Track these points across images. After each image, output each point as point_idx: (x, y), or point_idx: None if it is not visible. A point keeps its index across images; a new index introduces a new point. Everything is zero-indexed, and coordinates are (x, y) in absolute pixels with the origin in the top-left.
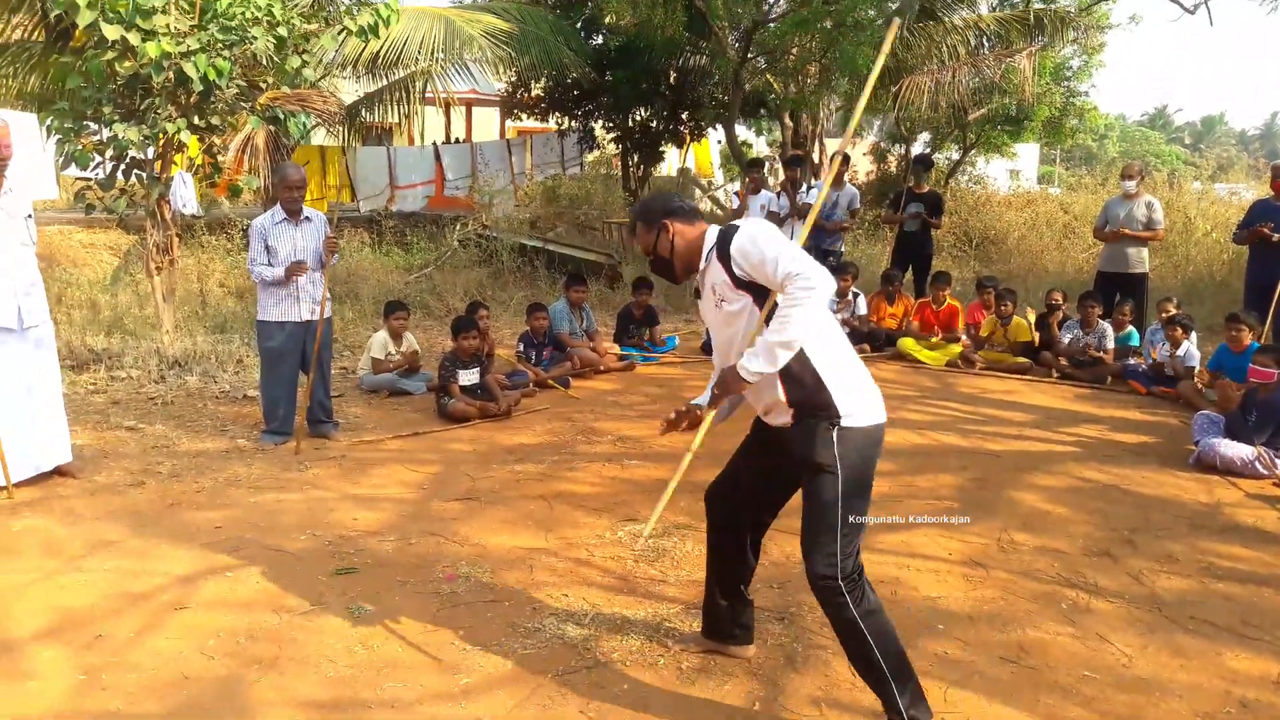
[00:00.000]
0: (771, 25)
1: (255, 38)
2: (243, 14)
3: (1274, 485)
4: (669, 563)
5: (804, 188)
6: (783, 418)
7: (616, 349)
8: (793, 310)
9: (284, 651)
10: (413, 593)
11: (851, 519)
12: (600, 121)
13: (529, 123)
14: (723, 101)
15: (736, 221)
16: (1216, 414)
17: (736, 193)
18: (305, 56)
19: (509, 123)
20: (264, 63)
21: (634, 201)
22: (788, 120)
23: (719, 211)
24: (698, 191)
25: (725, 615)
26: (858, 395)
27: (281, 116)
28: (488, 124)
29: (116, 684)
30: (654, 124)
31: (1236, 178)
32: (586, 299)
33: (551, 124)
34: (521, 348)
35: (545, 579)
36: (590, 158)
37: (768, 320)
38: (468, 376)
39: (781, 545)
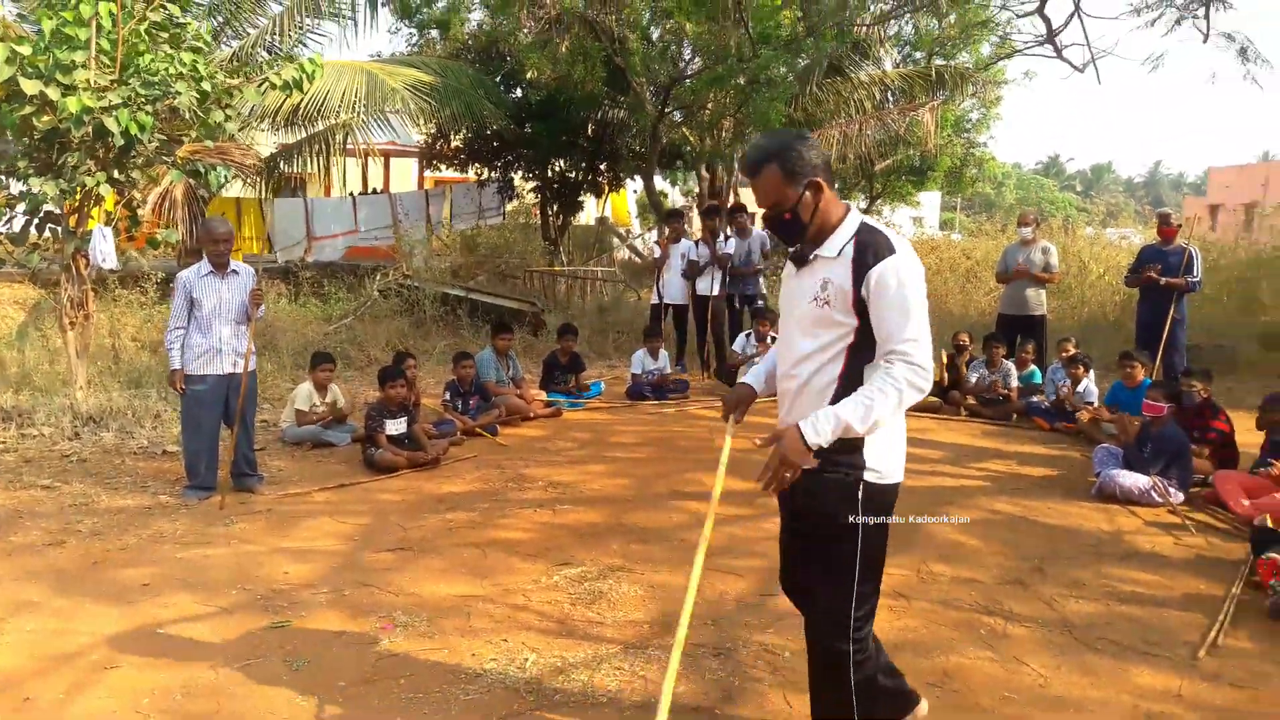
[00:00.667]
0: (688, 81)
1: (179, 92)
2: (166, 69)
3: (1168, 513)
4: (606, 605)
5: (721, 238)
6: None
7: (543, 395)
8: (888, 395)
9: (223, 707)
10: (350, 644)
11: (869, 585)
12: (520, 172)
13: (447, 173)
14: (640, 153)
15: (893, 240)
16: (1115, 447)
17: (658, 241)
18: (228, 110)
19: (427, 173)
20: (186, 117)
21: (554, 250)
22: (704, 171)
23: (637, 260)
24: (616, 240)
25: (893, 689)
26: (889, 449)
27: (202, 170)
28: (405, 174)
29: None
30: (573, 174)
31: (1125, 223)
32: (512, 347)
33: (470, 174)
34: (448, 396)
35: (483, 626)
36: (509, 207)
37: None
38: (395, 426)
39: (714, 583)
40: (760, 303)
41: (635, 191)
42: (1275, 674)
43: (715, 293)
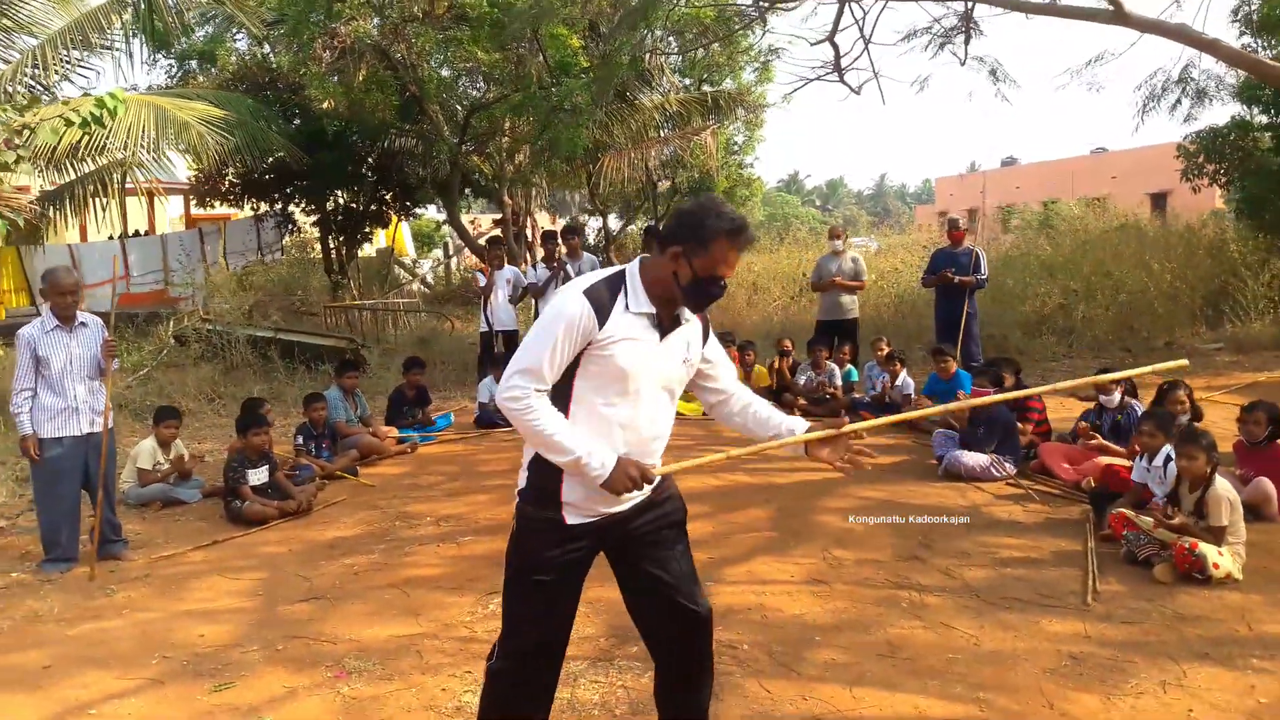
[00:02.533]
0: (490, 109)
1: None
2: None
3: (1008, 485)
4: None
5: (555, 262)
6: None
7: (394, 432)
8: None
9: None
10: (309, 697)
11: None
12: (300, 205)
13: (222, 209)
14: (434, 180)
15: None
16: (951, 431)
17: (480, 269)
18: (20, 150)
19: (195, 210)
20: None
21: (339, 284)
22: (506, 198)
23: (425, 290)
24: (401, 271)
25: None
26: None
27: None
28: (165, 214)
29: None
30: (356, 205)
31: (862, 232)
32: (359, 385)
33: (245, 209)
34: (300, 440)
35: (440, 661)
36: (287, 241)
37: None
38: (257, 476)
39: None
40: None
41: (409, 220)
42: (1150, 608)
43: None
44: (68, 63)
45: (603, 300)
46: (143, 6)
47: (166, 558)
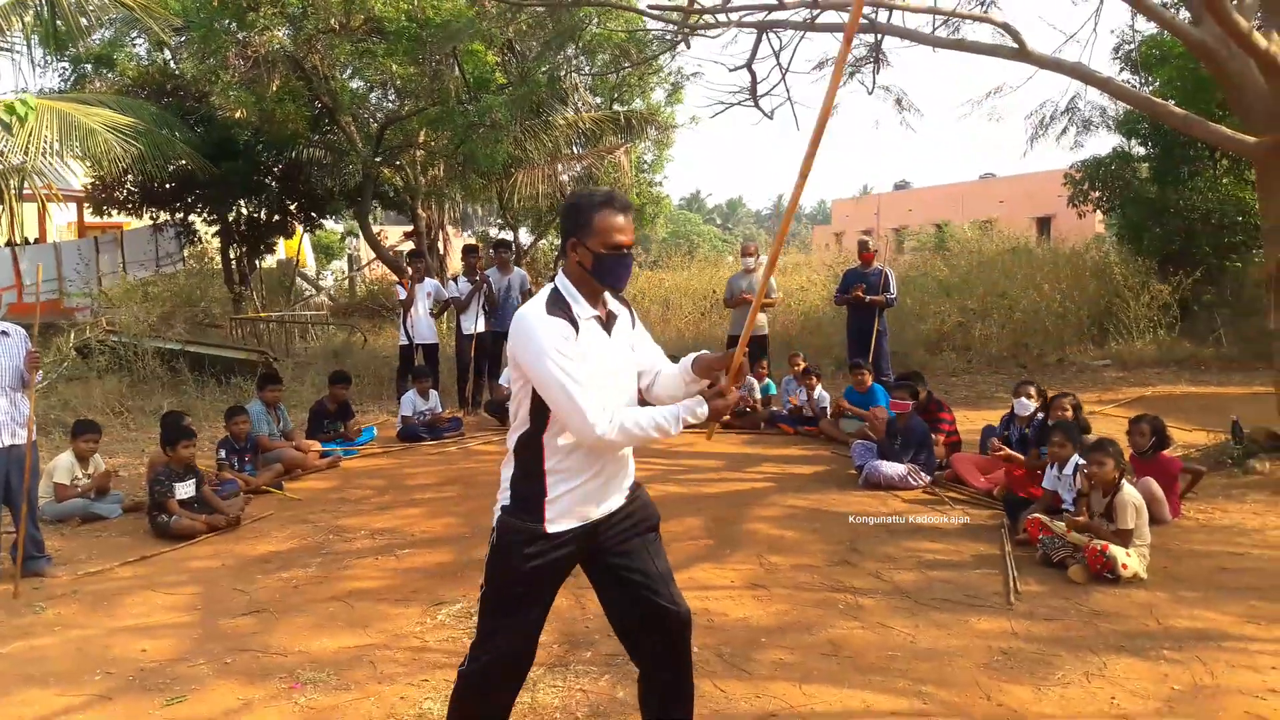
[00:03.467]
0: (410, 121)
1: None
2: None
3: (924, 493)
4: None
5: (478, 276)
6: (630, 480)
7: (318, 446)
8: None
9: None
10: (266, 709)
11: None
12: (201, 215)
13: (119, 217)
14: (344, 191)
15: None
16: (869, 442)
17: (400, 282)
18: None
19: (86, 219)
20: None
21: (240, 296)
22: (420, 211)
23: (330, 300)
24: (303, 283)
25: None
26: None
27: None
28: (61, 222)
29: None
30: (259, 215)
31: (763, 250)
32: (281, 399)
33: (144, 219)
34: (223, 454)
35: (395, 671)
36: (186, 251)
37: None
38: (184, 489)
39: None
40: None
41: (319, 230)
42: (1068, 606)
43: (481, 329)
44: None
45: (566, 315)
46: (44, 9)
47: (93, 574)
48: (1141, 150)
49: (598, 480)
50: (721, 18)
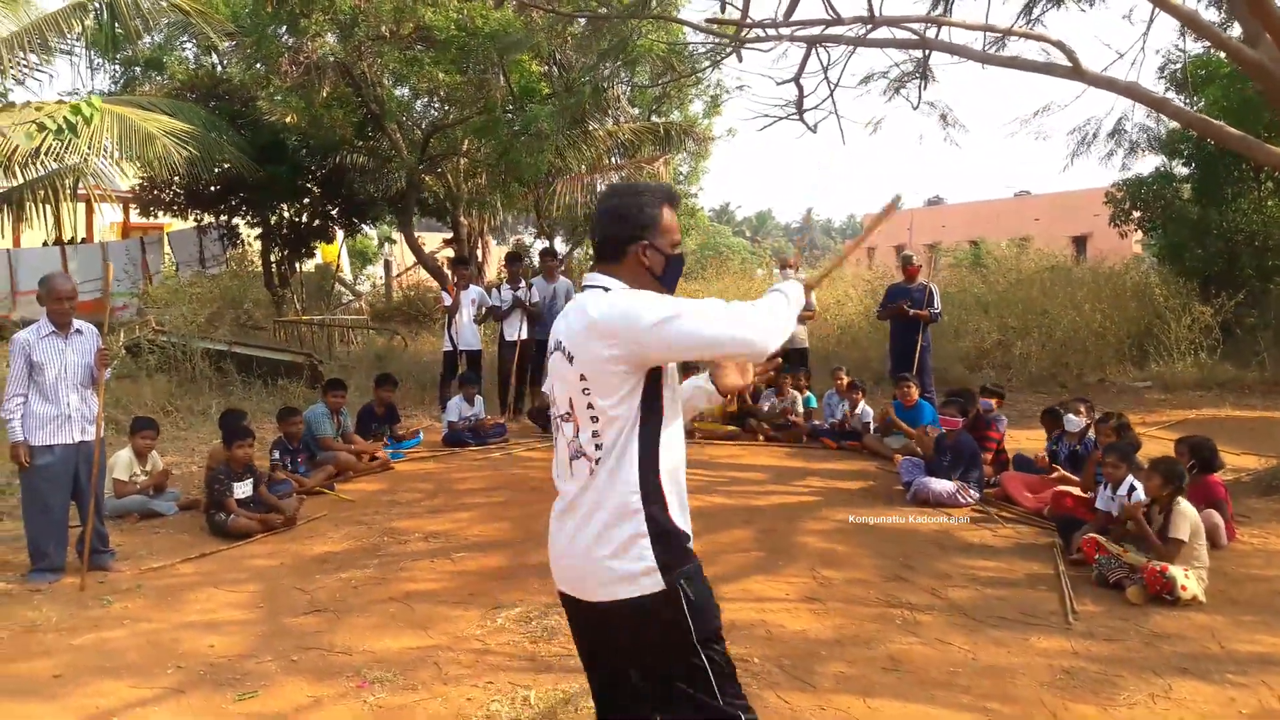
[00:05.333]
0: (456, 129)
1: None
2: None
3: (974, 511)
4: (566, 639)
5: (521, 284)
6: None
7: (380, 447)
8: None
9: None
10: (336, 706)
11: None
12: (246, 217)
13: (165, 219)
14: (386, 198)
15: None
16: (916, 458)
17: (446, 289)
18: None
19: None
20: None
21: (280, 299)
22: (462, 218)
23: (367, 306)
24: (342, 289)
25: None
26: None
27: None
28: (103, 222)
29: None
30: (302, 219)
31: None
32: (345, 404)
33: (189, 220)
34: (277, 455)
35: (459, 673)
36: (228, 255)
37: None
38: (242, 489)
39: None
40: None
41: (360, 235)
42: (1127, 626)
43: (524, 337)
44: (25, 66)
45: None
46: (104, 12)
47: (155, 569)
48: (1184, 170)
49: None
50: (773, 31)
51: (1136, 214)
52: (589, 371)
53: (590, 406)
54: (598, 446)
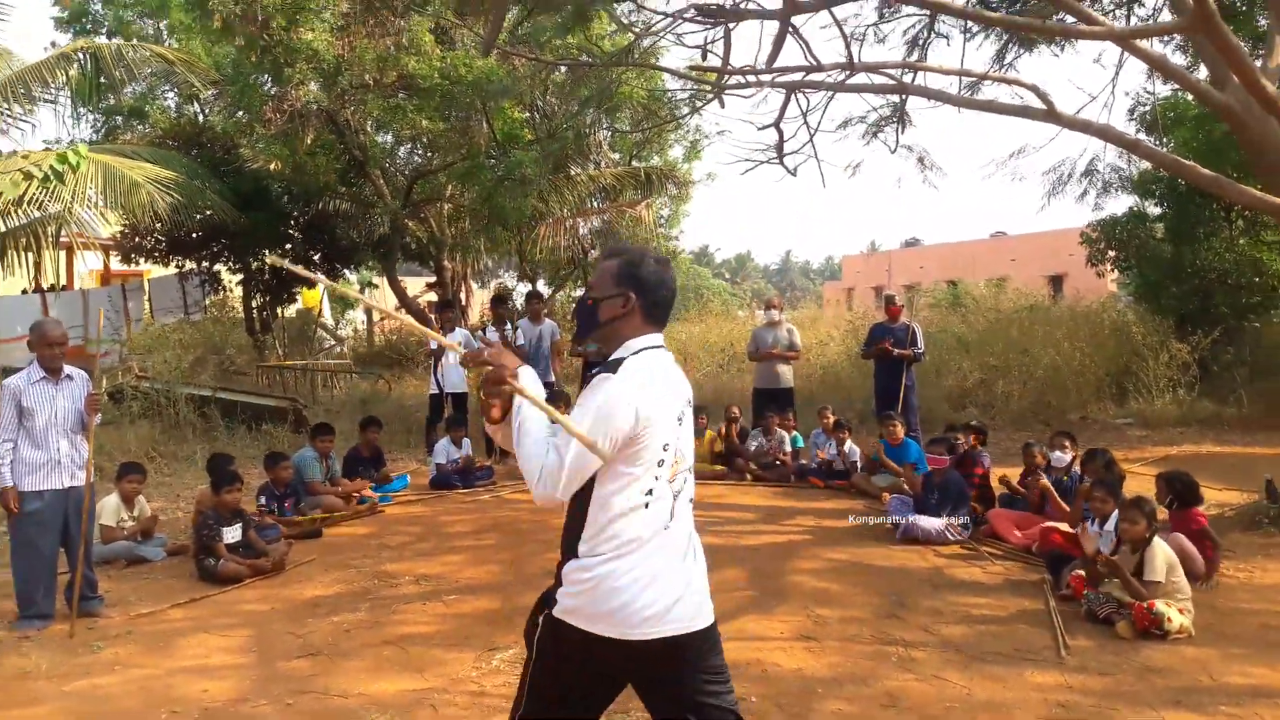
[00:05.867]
0: (440, 175)
1: None
2: None
3: (963, 549)
4: None
5: (508, 326)
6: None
7: (368, 488)
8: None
9: None
10: None
11: None
12: (227, 263)
13: (142, 265)
14: (370, 243)
15: (634, 369)
16: (905, 496)
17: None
18: None
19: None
20: None
21: (261, 344)
22: (446, 262)
23: (345, 350)
24: (324, 334)
25: None
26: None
27: None
28: (83, 268)
29: None
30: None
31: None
32: (333, 448)
33: (170, 267)
34: (263, 500)
35: (457, 714)
36: (209, 301)
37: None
38: (231, 534)
39: None
40: (554, 388)
41: (343, 281)
42: (1120, 661)
43: None
44: (10, 116)
45: None
46: (88, 63)
47: (145, 615)
48: (1157, 210)
49: None
50: (753, 78)
51: (1112, 253)
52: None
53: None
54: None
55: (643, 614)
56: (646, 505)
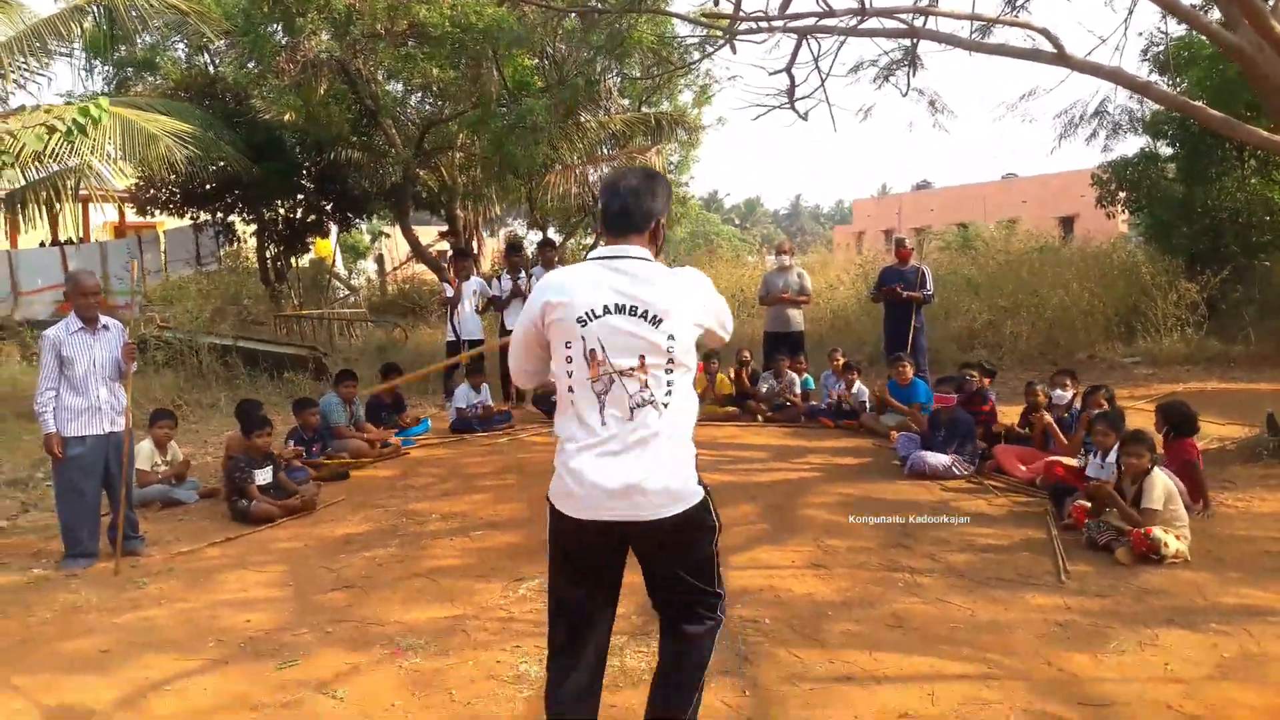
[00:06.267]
0: (450, 124)
1: None
2: None
3: (968, 483)
4: None
5: (522, 274)
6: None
7: (392, 433)
8: None
9: None
10: (374, 672)
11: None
12: (241, 214)
13: (161, 217)
14: (382, 192)
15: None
16: (912, 434)
17: (448, 280)
18: (4, 157)
19: (116, 218)
20: None
21: (276, 294)
22: (458, 211)
23: (354, 297)
24: (337, 283)
25: None
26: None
27: None
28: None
29: None
30: (297, 215)
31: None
32: (356, 394)
33: (185, 218)
34: (292, 444)
35: (488, 638)
36: (224, 251)
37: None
38: (262, 476)
39: None
40: None
41: (355, 230)
42: (1117, 584)
43: None
44: (26, 70)
45: None
46: (101, 15)
47: (185, 553)
48: (1168, 150)
49: None
50: (765, 24)
51: (1122, 194)
52: (678, 332)
53: (670, 362)
54: (668, 394)
55: (581, 498)
56: (571, 401)
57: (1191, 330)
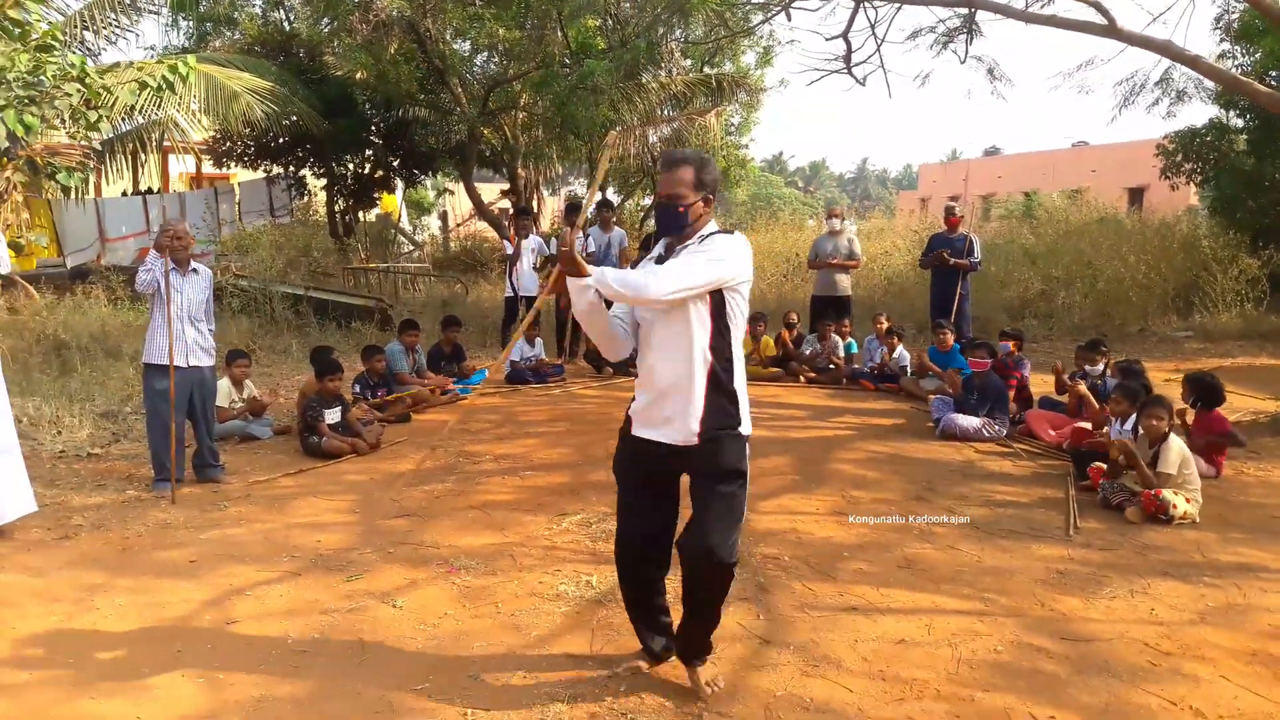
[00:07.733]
0: (514, 85)
1: (70, 94)
2: (51, 73)
3: (999, 445)
4: None
5: (581, 235)
6: (690, 428)
7: (450, 381)
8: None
9: (371, 633)
10: (429, 586)
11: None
12: (311, 169)
13: (237, 169)
14: (447, 150)
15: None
16: (947, 397)
17: (508, 238)
18: (102, 110)
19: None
20: (64, 118)
21: (343, 247)
22: (520, 170)
23: (418, 252)
24: (402, 239)
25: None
26: (749, 414)
27: (53, 169)
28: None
29: (238, 681)
30: (365, 170)
31: (846, 215)
32: (419, 342)
33: (258, 171)
34: (357, 389)
35: (532, 562)
36: (295, 205)
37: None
38: (332, 416)
39: None
40: None
41: (420, 186)
42: (1123, 540)
43: None
44: (117, 27)
45: None
46: None
47: (261, 482)
48: (1240, 122)
49: None
50: None
51: (1188, 166)
52: None
53: None
54: None
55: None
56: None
57: (1250, 306)
